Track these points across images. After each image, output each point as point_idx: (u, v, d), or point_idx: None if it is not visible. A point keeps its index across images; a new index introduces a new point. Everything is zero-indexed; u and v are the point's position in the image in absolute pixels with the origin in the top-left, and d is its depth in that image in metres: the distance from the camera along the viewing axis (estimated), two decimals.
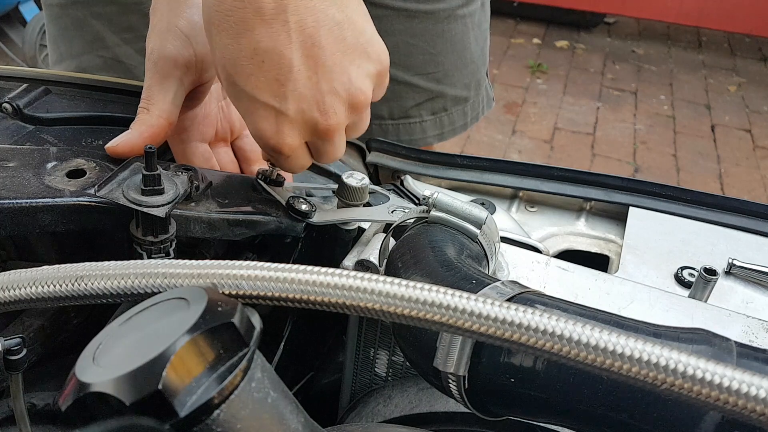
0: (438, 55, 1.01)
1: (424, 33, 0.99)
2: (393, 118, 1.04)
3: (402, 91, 1.02)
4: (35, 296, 0.37)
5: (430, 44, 1.00)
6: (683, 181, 3.12)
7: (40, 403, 0.58)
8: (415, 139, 1.06)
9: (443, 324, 0.32)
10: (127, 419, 0.28)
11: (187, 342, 0.29)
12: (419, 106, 1.04)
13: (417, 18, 0.98)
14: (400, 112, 1.04)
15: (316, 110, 0.54)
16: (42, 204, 0.54)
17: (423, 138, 1.06)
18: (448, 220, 0.56)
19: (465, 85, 1.07)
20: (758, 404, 0.27)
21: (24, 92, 0.70)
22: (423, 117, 1.06)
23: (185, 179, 0.58)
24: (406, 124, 1.05)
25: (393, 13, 0.96)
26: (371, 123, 1.04)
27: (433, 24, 0.99)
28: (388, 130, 1.04)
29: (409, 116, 1.05)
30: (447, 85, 1.05)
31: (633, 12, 4.32)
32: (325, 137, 0.57)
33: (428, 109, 1.05)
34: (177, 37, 0.61)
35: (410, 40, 0.99)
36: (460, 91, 1.07)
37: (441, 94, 1.05)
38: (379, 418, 0.63)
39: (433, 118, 1.07)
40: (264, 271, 0.35)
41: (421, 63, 1.01)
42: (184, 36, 0.61)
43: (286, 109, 0.54)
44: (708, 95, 3.88)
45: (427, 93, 1.04)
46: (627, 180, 0.78)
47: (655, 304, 0.60)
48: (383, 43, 0.58)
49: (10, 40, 3.52)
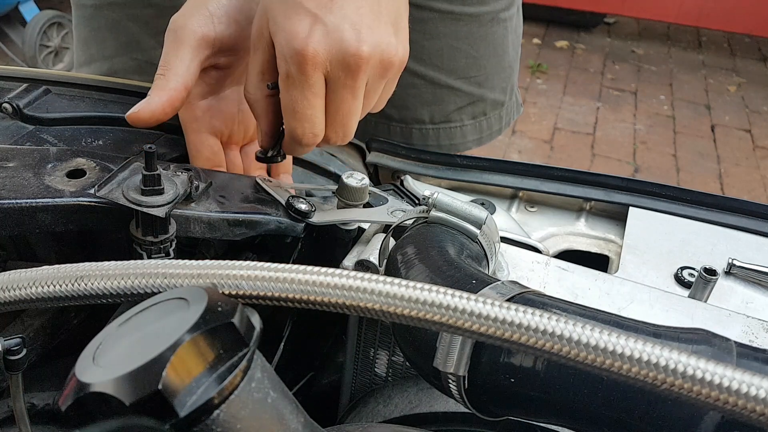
0: (480, 59, 1.01)
1: (468, 36, 0.98)
2: (434, 123, 1.03)
3: (444, 95, 1.01)
4: (35, 296, 0.37)
5: (473, 47, 0.99)
6: (683, 181, 3.12)
7: (40, 403, 0.58)
8: (455, 143, 1.05)
9: (443, 324, 0.32)
10: (127, 419, 0.28)
11: (187, 342, 0.29)
12: (460, 111, 1.03)
13: (462, 21, 0.97)
14: (441, 117, 1.03)
15: (353, 34, 0.54)
16: (42, 204, 0.54)
17: (463, 143, 1.05)
18: (448, 220, 0.56)
19: (502, 89, 1.07)
20: (758, 404, 0.27)
21: (24, 92, 0.70)
22: (464, 121, 1.05)
23: (185, 179, 0.58)
24: (447, 129, 1.04)
25: (438, 16, 0.95)
26: (412, 128, 1.03)
27: (478, 27, 0.98)
28: (428, 135, 1.03)
29: (450, 120, 1.04)
30: (487, 89, 1.04)
31: (633, 12, 4.32)
32: (349, 69, 0.55)
33: (469, 114, 1.04)
34: (201, 15, 0.62)
35: (454, 43, 0.98)
36: (498, 95, 1.06)
37: (481, 98, 1.04)
38: (379, 418, 0.63)
39: (473, 123, 1.05)
40: (264, 271, 0.35)
41: (464, 66, 1.00)
42: (208, 14, 0.62)
43: (325, 19, 0.54)
44: (708, 95, 3.88)
45: (469, 97, 1.03)
46: (627, 180, 0.78)
47: (655, 304, 0.60)
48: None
49: (10, 40, 3.52)
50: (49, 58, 3.59)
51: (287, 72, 0.56)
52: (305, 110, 0.57)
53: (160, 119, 0.61)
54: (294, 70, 0.55)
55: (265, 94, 0.61)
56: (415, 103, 1.00)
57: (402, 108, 1.01)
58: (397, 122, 1.02)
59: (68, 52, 3.70)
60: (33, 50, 3.45)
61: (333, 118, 0.59)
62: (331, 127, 0.60)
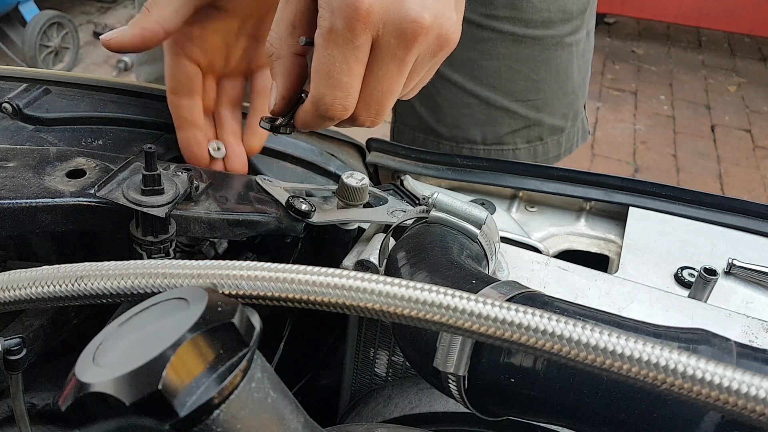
0: (540, 82, 0.98)
1: (529, 59, 0.96)
2: (485, 144, 1.00)
3: (498, 116, 0.98)
4: (35, 296, 0.37)
5: (533, 71, 0.97)
6: (683, 181, 3.12)
7: (40, 403, 0.58)
8: None
9: (443, 324, 0.32)
10: (127, 419, 0.28)
11: (187, 342, 0.29)
12: (514, 133, 1.01)
13: (524, 43, 0.94)
14: (493, 138, 1.00)
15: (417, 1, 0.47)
16: (42, 204, 0.54)
17: None
18: (448, 221, 0.56)
19: (563, 115, 1.04)
20: (758, 404, 0.27)
21: (24, 92, 0.70)
22: (517, 145, 1.02)
23: (185, 179, 0.58)
24: (499, 151, 1.01)
25: (499, 37, 0.93)
26: (462, 147, 1.00)
27: (540, 50, 0.96)
28: (479, 155, 1.00)
29: (503, 143, 1.01)
30: (545, 114, 1.01)
31: (633, 12, 4.32)
32: (404, 37, 0.47)
33: (523, 137, 1.02)
34: None
35: (514, 65, 0.95)
36: (558, 120, 1.03)
37: (538, 123, 1.01)
38: (379, 418, 0.63)
39: (527, 147, 1.03)
40: (264, 271, 0.35)
41: (522, 89, 0.97)
42: None
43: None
44: (708, 95, 3.88)
45: (525, 120, 1.00)
46: (627, 180, 0.78)
47: (655, 304, 0.60)
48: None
49: (10, 40, 3.52)
50: (49, 58, 3.59)
51: (331, 26, 0.47)
52: (341, 76, 0.48)
53: (129, 51, 0.61)
54: (340, 25, 0.46)
55: (293, 51, 0.52)
56: (468, 122, 0.98)
57: (453, 127, 0.99)
58: (447, 140, 1.01)
59: (68, 52, 3.70)
60: (33, 50, 3.45)
61: (369, 94, 0.50)
62: (363, 104, 0.51)
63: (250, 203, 0.62)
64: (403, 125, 1.07)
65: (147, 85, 0.77)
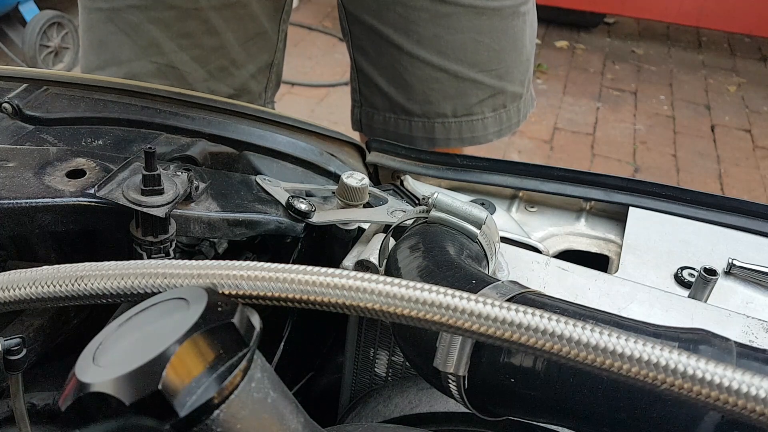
0: (501, 52, 1.03)
1: (490, 30, 1.00)
2: (456, 116, 1.05)
3: (467, 87, 1.03)
4: (35, 296, 0.37)
5: (495, 41, 1.01)
6: (683, 181, 3.12)
7: (40, 403, 0.58)
8: (476, 136, 1.07)
9: (443, 324, 0.32)
10: (127, 419, 0.28)
11: (187, 342, 0.29)
12: (482, 103, 1.05)
13: (485, 15, 0.99)
14: (463, 110, 1.05)
15: None
16: (42, 204, 0.54)
17: (484, 135, 1.07)
18: (448, 221, 0.56)
19: (521, 82, 1.09)
20: (758, 404, 0.27)
21: (24, 92, 0.70)
22: (485, 114, 1.07)
23: (185, 179, 0.58)
24: (469, 122, 1.06)
25: (462, 11, 0.97)
26: (434, 122, 1.04)
27: (499, 20, 1.01)
28: (450, 128, 1.05)
29: (472, 113, 1.06)
30: (507, 82, 1.06)
31: (633, 12, 4.31)
32: None
33: (490, 106, 1.06)
34: None
35: (477, 36, 1.00)
36: (517, 87, 1.08)
37: (502, 91, 1.06)
38: (379, 418, 0.63)
39: (493, 115, 1.08)
40: (264, 271, 0.35)
41: (486, 60, 1.02)
42: None
43: None
44: (708, 95, 3.88)
45: (490, 90, 1.05)
46: (627, 180, 0.78)
47: (655, 304, 0.60)
48: None
49: (10, 40, 3.52)
50: (49, 58, 3.59)
51: None
52: None
53: None
54: None
55: None
56: (438, 97, 1.02)
57: (425, 103, 1.02)
58: (419, 117, 1.04)
59: (68, 52, 3.70)
60: (33, 50, 3.45)
61: None
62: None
63: (250, 203, 0.62)
64: (371, 109, 1.10)
65: (148, 85, 0.76)
